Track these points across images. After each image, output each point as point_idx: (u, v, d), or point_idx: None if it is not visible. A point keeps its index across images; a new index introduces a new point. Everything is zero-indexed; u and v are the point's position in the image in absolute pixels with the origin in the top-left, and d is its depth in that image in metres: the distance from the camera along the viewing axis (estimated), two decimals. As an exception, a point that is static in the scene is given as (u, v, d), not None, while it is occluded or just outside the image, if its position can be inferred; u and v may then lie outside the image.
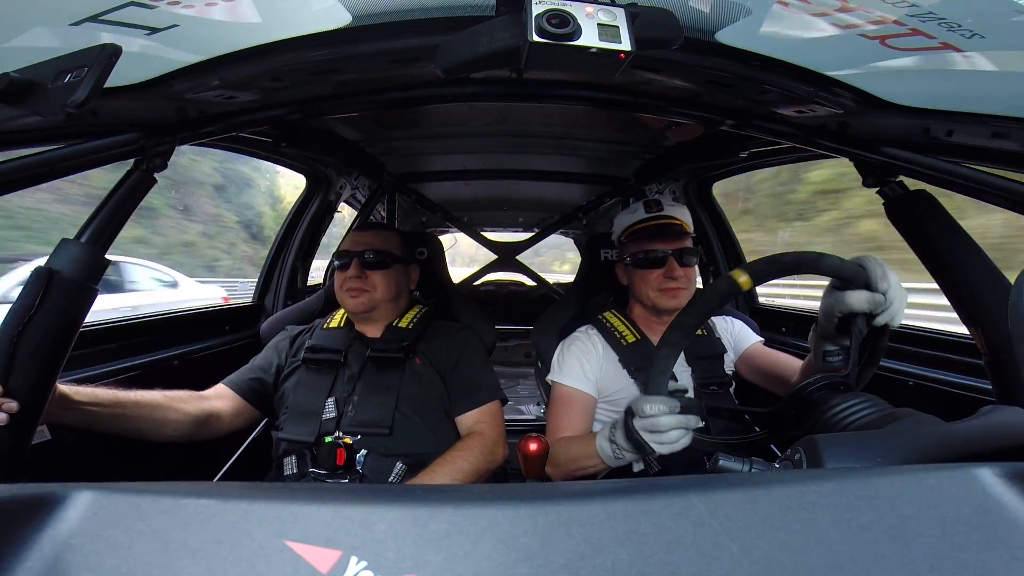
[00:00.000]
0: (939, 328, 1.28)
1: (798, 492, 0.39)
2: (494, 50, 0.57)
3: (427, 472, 1.03)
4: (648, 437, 0.80)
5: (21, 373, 0.71)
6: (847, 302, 0.77)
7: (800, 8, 0.57)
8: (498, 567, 0.34)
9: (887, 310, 0.77)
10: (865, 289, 0.77)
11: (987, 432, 0.52)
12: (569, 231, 3.42)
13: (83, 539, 0.36)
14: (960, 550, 0.35)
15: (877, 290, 0.76)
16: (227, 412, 1.14)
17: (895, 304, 0.77)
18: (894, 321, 0.78)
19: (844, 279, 0.78)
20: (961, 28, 0.55)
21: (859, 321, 0.78)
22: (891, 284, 0.76)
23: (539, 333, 1.43)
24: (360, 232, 1.30)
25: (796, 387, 0.81)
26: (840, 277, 0.78)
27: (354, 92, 0.92)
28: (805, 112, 0.87)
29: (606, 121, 1.55)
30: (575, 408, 1.16)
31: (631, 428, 0.82)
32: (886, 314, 0.77)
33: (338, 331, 1.27)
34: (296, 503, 0.38)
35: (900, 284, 0.77)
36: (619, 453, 0.89)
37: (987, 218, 3.69)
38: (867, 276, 0.77)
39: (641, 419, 0.79)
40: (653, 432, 0.79)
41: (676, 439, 0.79)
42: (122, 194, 0.83)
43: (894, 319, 0.77)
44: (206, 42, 0.68)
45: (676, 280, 1.17)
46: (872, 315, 0.78)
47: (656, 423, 0.78)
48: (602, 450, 0.91)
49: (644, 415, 0.79)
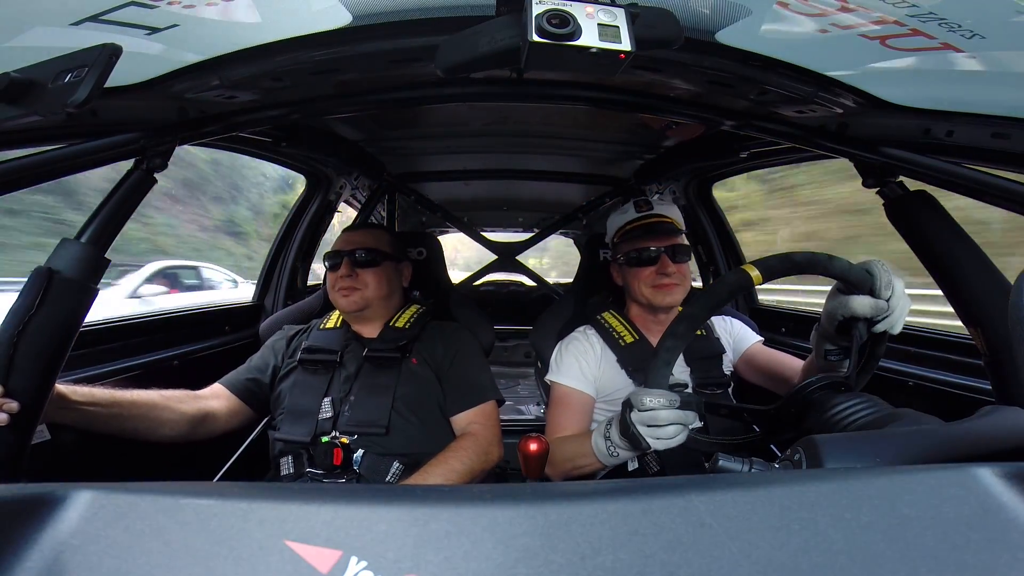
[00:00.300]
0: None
1: (798, 492, 0.39)
2: (494, 50, 0.57)
3: (420, 473, 1.03)
4: (645, 431, 0.78)
5: (21, 373, 0.71)
6: (850, 306, 0.78)
7: (800, 8, 0.57)
8: (498, 567, 0.34)
9: (888, 317, 0.77)
10: (869, 295, 0.77)
11: (987, 432, 0.52)
12: (569, 231, 3.42)
13: (83, 539, 0.36)
14: (960, 550, 0.35)
15: (880, 297, 0.77)
16: (223, 412, 1.15)
17: (896, 312, 0.77)
18: (893, 328, 0.78)
19: (851, 283, 0.78)
20: (961, 28, 0.55)
21: (860, 325, 0.79)
22: (895, 292, 0.77)
23: (538, 333, 1.43)
24: (350, 232, 1.31)
25: (796, 387, 0.81)
26: (847, 280, 0.78)
27: (354, 92, 0.92)
28: (805, 112, 0.87)
29: (606, 121, 1.55)
30: (573, 407, 1.16)
31: (628, 421, 0.80)
32: (886, 321, 0.78)
33: (334, 331, 1.28)
34: (296, 503, 0.38)
35: (904, 293, 0.78)
36: (614, 450, 0.88)
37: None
38: (872, 282, 0.77)
39: (639, 412, 0.78)
40: (651, 426, 0.78)
41: (673, 435, 0.78)
42: (122, 194, 0.83)
43: (894, 327, 0.78)
44: (206, 42, 0.68)
45: (669, 276, 1.17)
46: (873, 320, 0.78)
47: (655, 416, 0.77)
48: (597, 447, 0.91)
49: (643, 408, 0.77)
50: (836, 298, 0.80)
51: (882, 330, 0.79)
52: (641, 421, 0.78)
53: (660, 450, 0.79)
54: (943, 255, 0.88)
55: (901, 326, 0.79)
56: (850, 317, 0.79)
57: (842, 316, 0.80)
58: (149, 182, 0.85)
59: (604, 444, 0.89)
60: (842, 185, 6.48)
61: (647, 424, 0.78)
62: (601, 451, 0.90)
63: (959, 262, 0.86)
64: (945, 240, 0.87)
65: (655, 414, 0.77)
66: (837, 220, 6.91)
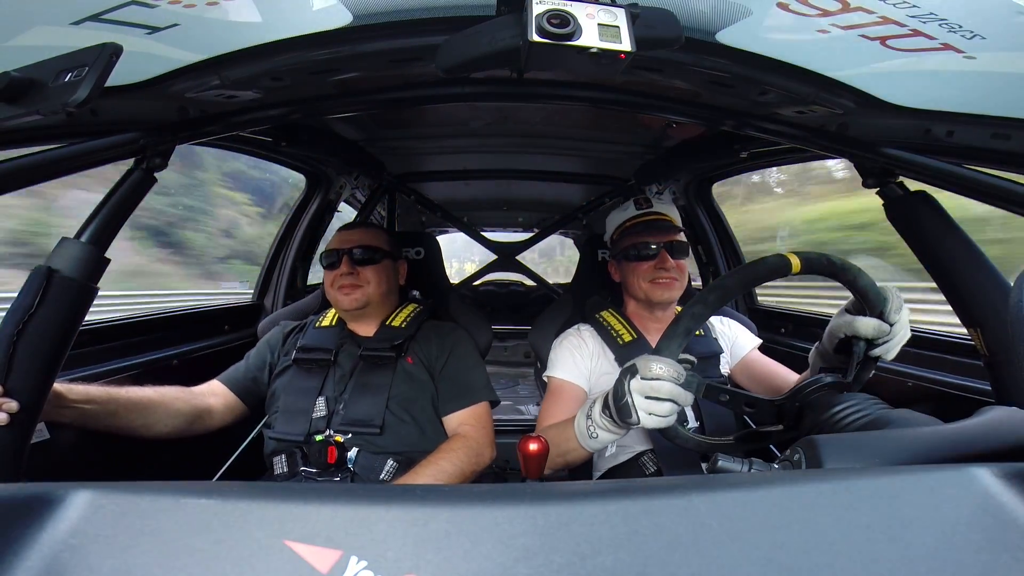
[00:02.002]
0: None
1: (798, 492, 0.39)
2: (495, 50, 0.57)
3: (410, 474, 1.03)
4: (640, 402, 0.73)
5: (20, 373, 0.71)
6: (855, 325, 0.80)
7: (801, 9, 0.57)
8: (498, 567, 0.34)
9: (887, 342, 0.81)
10: (879, 317, 0.80)
11: (986, 433, 0.52)
12: (569, 231, 3.42)
13: (82, 539, 0.35)
14: (959, 550, 0.35)
15: (889, 320, 0.80)
16: (219, 408, 1.15)
17: (896, 338, 0.81)
18: (888, 354, 0.82)
19: (868, 300, 0.80)
20: (962, 29, 0.55)
21: (860, 344, 0.81)
22: (900, 320, 0.80)
23: (537, 333, 1.44)
24: (346, 231, 1.30)
25: (796, 387, 0.81)
26: (866, 297, 0.80)
27: (355, 91, 0.92)
28: (805, 113, 0.87)
29: (606, 121, 1.55)
30: (564, 398, 1.16)
31: (624, 389, 0.74)
32: (884, 345, 0.81)
33: (329, 330, 1.28)
34: (296, 503, 0.38)
35: (907, 323, 0.81)
36: (593, 430, 0.83)
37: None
38: (884, 305, 0.80)
39: (641, 380, 0.73)
40: (648, 397, 0.72)
41: (667, 412, 0.73)
42: (122, 194, 0.83)
43: (888, 352, 0.81)
44: (207, 41, 0.68)
45: (668, 271, 1.18)
46: (872, 343, 0.81)
47: (657, 387, 0.72)
48: (578, 427, 0.87)
49: (648, 374, 0.72)
50: (843, 317, 0.83)
51: (877, 354, 0.82)
52: (640, 390, 0.73)
53: (650, 427, 0.74)
54: (943, 256, 0.88)
55: (895, 354, 0.82)
56: (851, 336, 0.82)
57: (844, 334, 0.83)
58: (149, 181, 0.85)
59: (585, 423, 0.85)
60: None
61: (645, 395, 0.73)
62: (581, 431, 0.86)
63: (959, 263, 0.86)
64: (945, 241, 0.87)
65: (659, 385, 0.72)
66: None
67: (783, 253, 0.78)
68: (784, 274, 0.78)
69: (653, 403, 0.73)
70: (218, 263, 5.95)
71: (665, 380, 0.72)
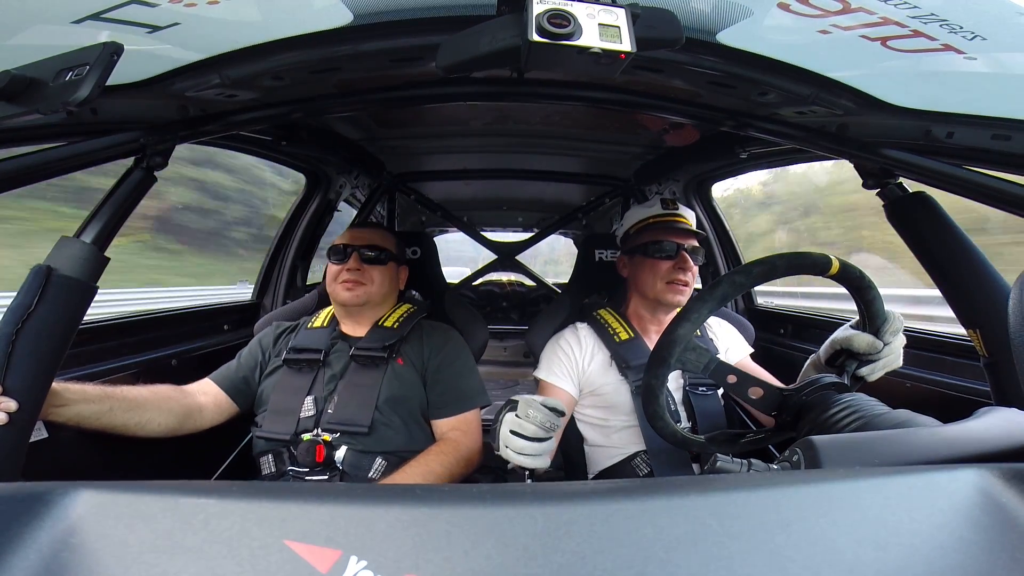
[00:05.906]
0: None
1: (797, 493, 0.39)
2: (495, 49, 0.57)
3: (400, 472, 1.03)
4: (504, 433, 0.80)
5: (19, 372, 0.71)
6: (851, 338, 0.83)
7: (801, 10, 0.57)
8: (498, 567, 0.34)
9: (874, 362, 0.83)
10: (874, 334, 0.82)
11: (984, 433, 0.52)
12: (568, 231, 3.42)
13: (81, 538, 0.35)
14: (958, 551, 0.35)
15: (883, 340, 0.82)
16: (209, 407, 1.16)
17: (883, 360, 0.83)
18: (872, 374, 0.84)
19: (870, 317, 0.82)
20: (963, 30, 0.55)
21: (849, 361, 0.84)
22: (893, 343, 0.82)
23: (534, 333, 1.44)
24: (359, 229, 1.32)
25: (796, 386, 0.81)
26: (875, 318, 0.82)
27: (355, 91, 0.92)
28: (805, 113, 0.87)
29: (606, 121, 1.55)
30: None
31: (499, 418, 0.82)
32: (870, 366, 0.83)
33: (321, 331, 1.28)
34: (296, 503, 0.38)
35: (899, 350, 0.84)
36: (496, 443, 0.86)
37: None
38: (882, 324, 0.82)
39: (515, 416, 0.80)
40: (513, 432, 0.79)
41: (521, 450, 0.79)
42: (122, 192, 0.82)
43: (872, 373, 0.84)
44: (207, 40, 0.68)
45: (685, 274, 1.18)
46: (862, 359, 0.83)
47: (524, 426, 0.78)
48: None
49: (522, 414, 0.79)
50: (845, 331, 0.85)
51: (862, 374, 0.84)
52: (508, 423, 0.80)
53: (507, 459, 0.80)
54: (942, 257, 0.88)
55: (878, 376, 0.84)
56: (846, 349, 0.84)
57: (838, 346, 0.85)
58: (149, 181, 0.85)
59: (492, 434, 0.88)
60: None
61: (511, 429, 0.80)
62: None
63: (958, 264, 0.86)
64: (944, 242, 0.87)
65: (527, 425, 0.78)
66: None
67: (826, 254, 0.79)
68: (823, 272, 0.79)
69: (515, 438, 0.80)
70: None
71: (532, 424, 0.78)
